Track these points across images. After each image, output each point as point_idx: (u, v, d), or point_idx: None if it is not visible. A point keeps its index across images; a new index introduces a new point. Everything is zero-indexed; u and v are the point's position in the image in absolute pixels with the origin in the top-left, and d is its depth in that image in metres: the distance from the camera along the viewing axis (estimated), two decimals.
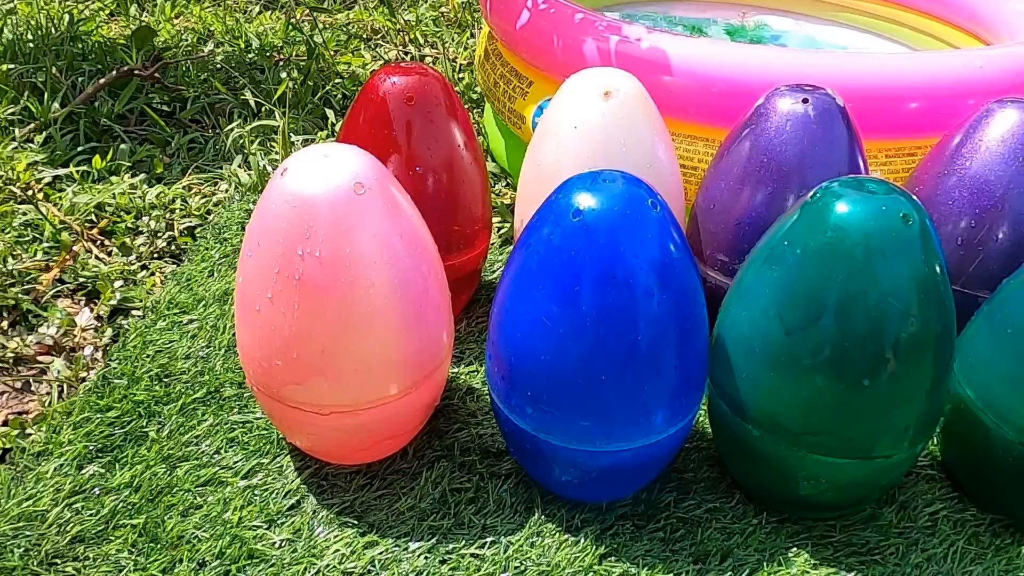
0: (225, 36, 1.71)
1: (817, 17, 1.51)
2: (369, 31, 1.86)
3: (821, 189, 0.62)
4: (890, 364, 0.60)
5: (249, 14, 1.89)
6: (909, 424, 0.63)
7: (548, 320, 0.61)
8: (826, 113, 0.79)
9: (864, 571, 0.67)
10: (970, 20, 1.30)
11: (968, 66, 0.95)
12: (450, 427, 0.80)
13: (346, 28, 1.86)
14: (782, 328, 0.62)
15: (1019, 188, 0.80)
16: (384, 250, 0.64)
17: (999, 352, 0.68)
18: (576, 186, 0.61)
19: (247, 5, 1.93)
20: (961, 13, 1.32)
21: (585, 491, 0.71)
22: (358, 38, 1.82)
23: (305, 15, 1.88)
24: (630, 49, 0.98)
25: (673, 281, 0.61)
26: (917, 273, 0.59)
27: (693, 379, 0.66)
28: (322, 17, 1.90)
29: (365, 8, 1.95)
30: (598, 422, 0.63)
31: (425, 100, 0.82)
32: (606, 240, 0.58)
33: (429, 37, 1.82)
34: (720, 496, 0.74)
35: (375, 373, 0.67)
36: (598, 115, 0.80)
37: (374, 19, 1.87)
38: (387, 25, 1.81)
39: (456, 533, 0.70)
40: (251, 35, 1.70)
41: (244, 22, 1.79)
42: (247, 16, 1.87)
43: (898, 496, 0.74)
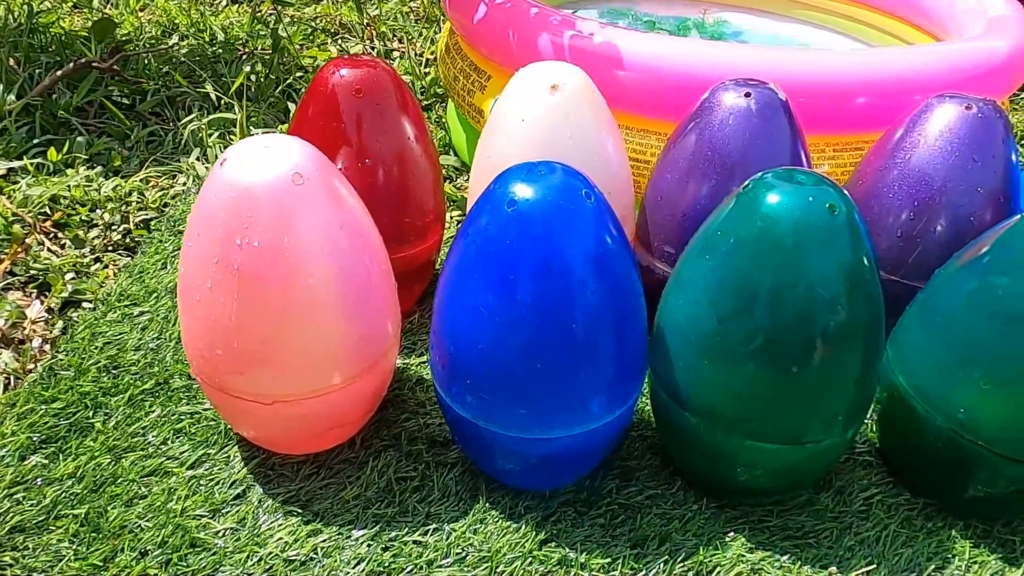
0: (190, 29, 1.70)
1: (780, 14, 1.53)
2: (336, 25, 1.85)
3: (754, 180, 0.64)
4: (818, 352, 0.61)
5: (216, 7, 1.88)
6: (839, 410, 0.65)
7: (485, 309, 0.61)
8: (768, 107, 0.81)
9: (798, 555, 0.69)
10: (923, 17, 1.33)
11: (913, 62, 0.97)
12: (398, 417, 0.80)
13: (313, 22, 1.86)
14: (715, 316, 0.63)
15: (956, 181, 0.81)
16: (324, 240, 0.64)
17: (929, 340, 0.69)
18: (512, 177, 0.62)
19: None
20: (916, 11, 1.35)
21: (528, 479, 0.72)
22: (325, 32, 1.81)
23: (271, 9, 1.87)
24: (583, 44, 1.00)
25: (608, 271, 0.62)
26: (844, 263, 0.61)
27: (631, 368, 0.67)
28: (290, 11, 1.90)
29: (333, 3, 1.95)
30: (535, 410, 0.64)
31: (374, 93, 0.82)
32: (540, 230, 0.59)
33: (397, 32, 1.82)
34: (662, 483, 0.75)
35: (317, 363, 0.67)
36: (545, 108, 0.81)
37: (341, 13, 1.86)
38: (353, 19, 1.81)
39: (400, 521, 0.70)
40: (216, 28, 1.69)
41: (210, 15, 1.78)
42: (214, 9, 1.86)
43: (835, 481, 0.76)
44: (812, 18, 1.51)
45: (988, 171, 0.81)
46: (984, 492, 0.70)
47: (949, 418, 0.68)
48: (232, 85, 1.41)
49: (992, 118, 0.82)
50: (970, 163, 0.81)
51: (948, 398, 0.67)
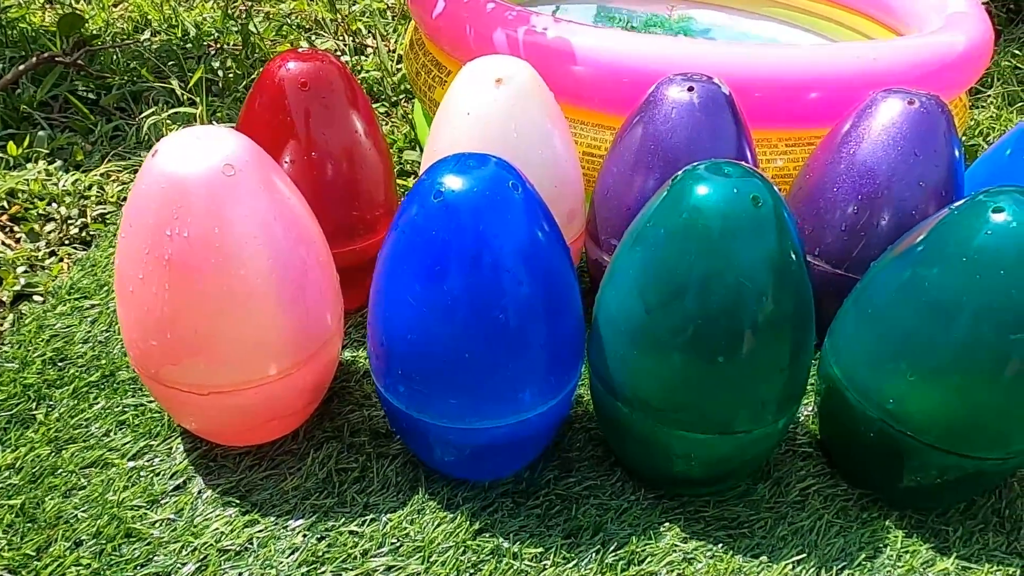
0: (162, 25, 1.70)
1: (749, 11, 1.53)
2: (311, 21, 1.85)
3: (683, 172, 0.64)
4: (744, 342, 0.62)
5: (190, 3, 1.87)
6: (766, 400, 0.65)
7: (413, 300, 0.62)
8: (711, 101, 0.81)
9: (731, 544, 0.69)
10: (886, 14, 1.34)
11: (862, 58, 0.97)
12: (343, 409, 0.81)
13: (288, 18, 1.86)
14: (643, 307, 0.63)
15: (898, 176, 0.82)
16: (257, 231, 0.64)
17: (861, 332, 0.70)
18: (441, 168, 0.62)
19: None
20: (879, 7, 1.35)
21: (467, 469, 0.73)
22: (299, 28, 1.81)
23: (245, 5, 1.87)
24: (537, 39, 1.00)
25: (538, 262, 0.63)
26: (770, 254, 0.61)
27: (563, 359, 0.67)
28: (266, 7, 1.90)
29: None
30: (466, 400, 0.64)
31: (320, 87, 0.82)
32: (466, 221, 0.60)
33: (372, 28, 1.82)
34: (602, 474, 0.75)
35: (252, 353, 0.67)
36: (490, 102, 0.81)
37: (314, 9, 1.86)
38: (326, 15, 1.81)
39: (338, 511, 0.71)
40: (188, 24, 1.69)
41: (183, 11, 1.78)
42: (188, 5, 1.86)
43: (773, 472, 0.76)
44: (779, 15, 1.52)
45: (930, 165, 0.82)
46: (917, 482, 0.70)
47: (879, 408, 0.68)
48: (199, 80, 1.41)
49: (935, 113, 0.82)
50: (912, 157, 0.82)
51: (878, 389, 0.68)
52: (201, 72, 1.32)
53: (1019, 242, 0.61)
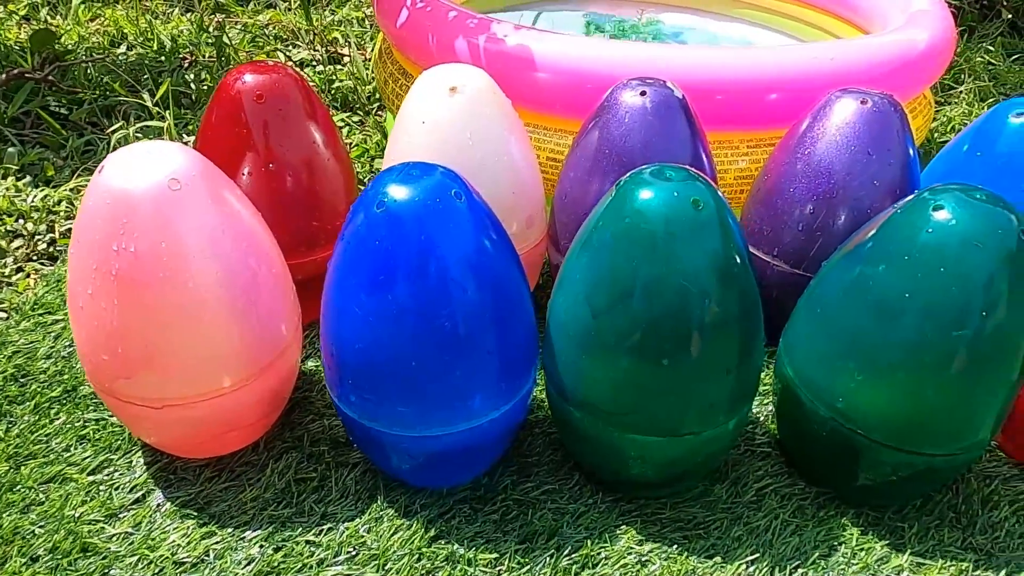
0: (138, 38, 1.71)
1: (718, 13, 1.54)
2: (288, 32, 1.86)
3: (628, 176, 0.65)
4: (688, 345, 0.62)
5: (167, 16, 1.88)
6: (714, 402, 0.66)
7: (360, 309, 0.62)
8: (663, 105, 0.82)
9: (687, 545, 0.70)
10: (851, 11, 1.34)
11: (820, 58, 0.98)
12: (303, 419, 0.81)
13: (265, 29, 1.87)
14: (590, 312, 0.64)
15: (853, 175, 0.83)
16: (205, 244, 0.65)
17: (811, 332, 0.71)
18: (385, 178, 0.63)
19: (167, 8, 1.92)
20: (844, 5, 1.36)
21: (424, 477, 0.73)
22: (277, 39, 1.82)
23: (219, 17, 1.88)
24: (498, 46, 1.00)
25: (485, 270, 0.63)
26: (713, 257, 0.62)
27: (514, 365, 0.68)
28: (244, 18, 1.90)
29: (288, 9, 1.95)
30: (416, 408, 0.65)
31: (277, 98, 0.83)
32: (409, 230, 0.60)
33: (351, 37, 1.83)
34: (560, 478, 0.76)
35: (204, 366, 0.68)
36: (445, 110, 0.82)
37: (290, 20, 1.87)
38: (302, 26, 1.82)
39: (295, 521, 0.71)
40: (164, 37, 1.70)
41: (160, 24, 1.79)
42: (165, 18, 1.86)
43: (731, 472, 0.76)
44: (749, 16, 1.52)
45: (883, 164, 0.82)
46: (871, 480, 0.71)
47: (830, 407, 0.69)
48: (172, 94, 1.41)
49: (888, 112, 0.83)
50: (865, 156, 0.82)
51: (829, 388, 0.68)
52: (167, 86, 1.33)
53: (959, 240, 0.61)
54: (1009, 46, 1.83)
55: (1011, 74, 1.68)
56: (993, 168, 0.86)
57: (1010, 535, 0.72)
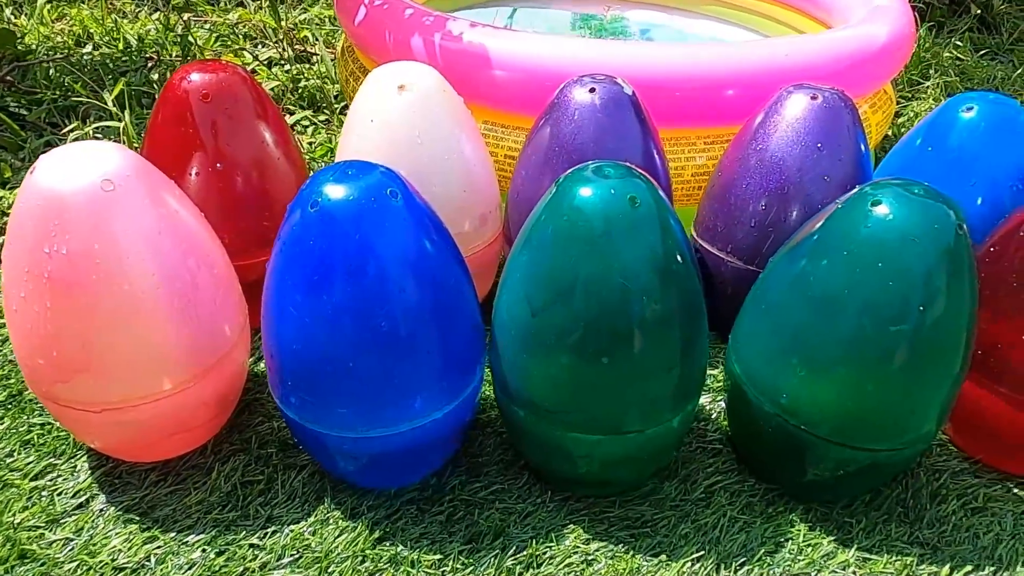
0: (104, 38, 1.69)
1: (685, 10, 1.54)
2: (257, 31, 1.84)
3: (568, 173, 0.64)
4: (627, 342, 0.62)
5: (135, 15, 1.86)
6: (656, 399, 0.65)
7: (295, 310, 0.62)
8: (612, 102, 0.82)
9: (633, 544, 0.69)
10: (815, 7, 1.34)
11: (774, 54, 0.98)
12: (252, 420, 0.80)
13: (235, 28, 1.85)
14: (529, 310, 0.63)
15: (804, 171, 0.83)
16: (141, 246, 0.64)
17: (757, 328, 0.70)
18: (321, 178, 0.62)
19: (136, 7, 1.91)
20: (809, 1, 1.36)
21: (370, 478, 0.72)
22: (247, 37, 1.81)
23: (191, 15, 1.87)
24: (453, 44, 1.00)
25: (423, 269, 0.63)
26: (651, 254, 0.61)
27: (457, 364, 0.67)
28: (213, 17, 1.89)
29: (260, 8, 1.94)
30: (356, 409, 0.64)
31: (223, 98, 0.82)
32: (342, 230, 0.59)
33: (320, 36, 1.82)
34: (509, 478, 0.75)
35: (143, 368, 0.67)
36: (393, 109, 0.81)
37: (259, 19, 1.86)
38: (270, 24, 1.80)
39: (240, 525, 0.70)
40: (130, 37, 1.68)
41: (126, 24, 1.77)
42: (132, 17, 1.85)
43: (681, 470, 0.76)
44: (716, 13, 1.52)
45: (834, 160, 0.82)
46: (818, 476, 0.71)
47: (775, 404, 0.68)
48: (135, 93, 1.40)
49: (838, 107, 0.83)
50: (816, 152, 0.82)
51: (773, 384, 0.68)
52: (121, 85, 1.32)
53: (897, 235, 0.61)
54: (977, 41, 1.84)
55: (978, 69, 1.69)
56: (944, 162, 0.87)
57: (957, 529, 0.72)
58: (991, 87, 1.64)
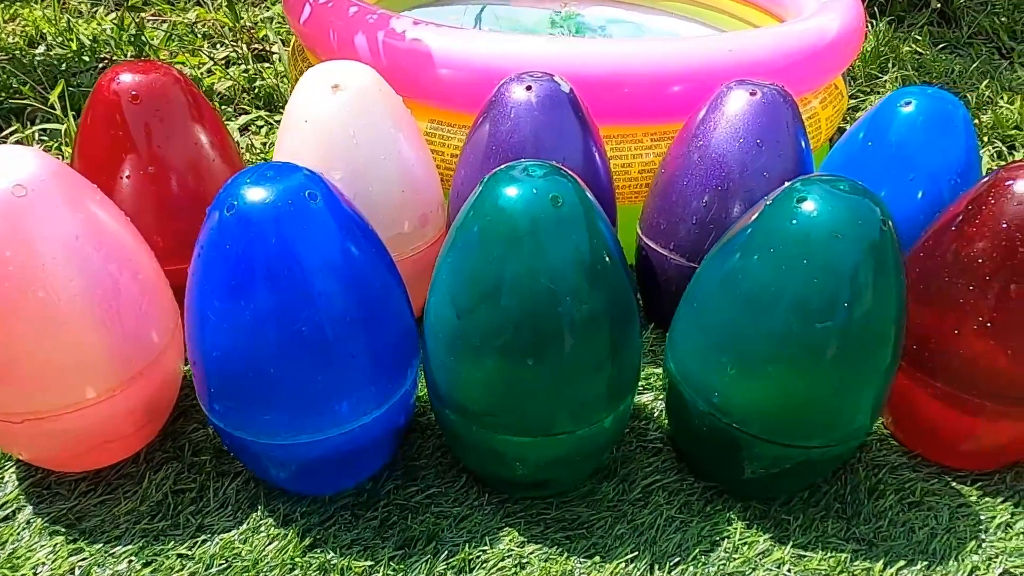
0: (57, 39, 1.66)
1: (642, 6, 1.54)
2: (216, 30, 1.82)
3: (493, 173, 0.63)
4: (552, 343, 0.61)
5: (91, 14, 1.83)
6: (585, 400, 0.65)
7: (214, 315, 0.60)
8: (549, 100, 0.81)
9: (568, 546, 0.69)
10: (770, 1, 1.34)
11: (718, 50, 0.97)
12: (187, 427, 0.79)
13: (193, 27, 1.83)
14: (455, 312, 0.63)
15: (743, 167, 0.82)
16: (57, 252, 0.62)
17: (690, 326, 0.70)
18: (239, 180, 0.61)
19: (92, 6, 1.88)
20: None
21: (303, 484, 0.71)
22: (205, 36, 1.78)
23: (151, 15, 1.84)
24: (396, 42, 0.99)
25: (345, 272, 0.62)
26: (576, 254, 0.61)
27: (385, 368, 0.66)
28: (172, 16, 1.86)
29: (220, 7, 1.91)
30: (279, 415, 0.63)
31: (155, 99, 0.80)
32: (258, 233, 0.58)
33: (281, 34, 1.80)
34: (447, 481, 0.74)
35: (64, 377, 0.65)
36: (327, 109, 0.80)
37: (217, 17, 1.83)
38: (228, 23, 1.78)
39: (169, 534, 0.69)
40: (84, 37, 1.66)
41: (81, 23, 1.74)
42: (88, 16, 1.82)
43: (620, 470, 0.76)
44: (676, 9, 1.52)
45: (773, 155, 0.82)
46: (754, 473, 0.70)
47: (708, 402, 0.68)
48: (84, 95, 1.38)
49: (777, 103, 0.83)
50: (755, 148, 0.82)
51: (705, 382, 0.68)
52: (62, 86, 1.29)
53: (822, 231, 0.61)
54: (937, 35, 1.85)
55: (936, 63, 1.69)
56: (884, 157, 0.87)
57: (893, 524, 0.72)
58: (948, 81, 1.65)
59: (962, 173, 0.84)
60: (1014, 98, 1.57)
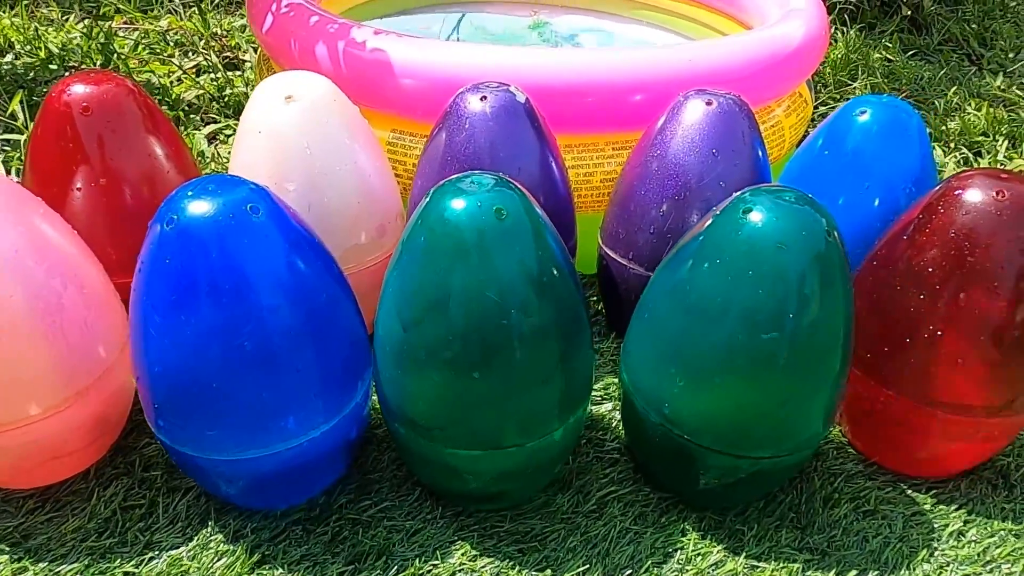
0: (26, 47, 1.65)
1: (612, 14, 1.54)
2: (188, 38, 1.81)
3: (439, 184, 0.63)
4: (498, 357, 0.61)
5: (60, 23, 1.82)
6: (533, 413, 0.64)
7: (155, 331, 0.60)
8: (504, 110, 0.81)
9: (520, 559, 0.68)
10: (738, 9, 1.35)
11: (678, 59, 0.98)
12: (139, 442, 0.78)
13: (166, 35, 1.82)
14: (401, 325, 0.62)
15: (700, 176, 0.82)
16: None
17: (641, 337, 0.70)
18: (180, 193, 0.60)
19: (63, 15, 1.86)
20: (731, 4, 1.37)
21: (254, 499, 0.71)
22: (177, 44, 1.78)
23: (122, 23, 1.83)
24: (357, 51, 0.98)
25: (289, 286, 0.61)
26: (521, 266, 0.60)
27: (332, 382, 0.66)
28: (144, 24, 1.85)
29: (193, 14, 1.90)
30: (224, 431, 0.62)
31: (106, 110, 0.80)
32: (199, 247, 0.58)
33: (253, 42, 1.79)
34: (401, 495, 0.74)
35: (6, 393, 0.64)
36: (281, 120, 0.79)
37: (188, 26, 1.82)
38: (200, 31, 1.77)
39: (117, 551, 0.68)
40: (52, 46, 1.64)
41: (52, 31, 1.73)
42: (58, 24, 1.80)
43: (575, 481, 0.75)
44: (646, 17, 1.53)
45: (729, 165, 0.82)
46: (708, 484, 0.70)
47: (659, 413, 0.68)
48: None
49: (733, 113, 0.83)
50: (711, 158, 0.82)
51: (656, 394, 0.68)
52: (21, 96, 1.28)
53: (767, 242, 0.61)
54: (907, 42, 1.86)
55: (906, 70, 1.71)
56: (840, 165, 0.87)
57: (847, 533, 0.72)
58: (917, 88, 1.66)
59: (917, 181, 0.84)
60: (981, 104, 1.58)
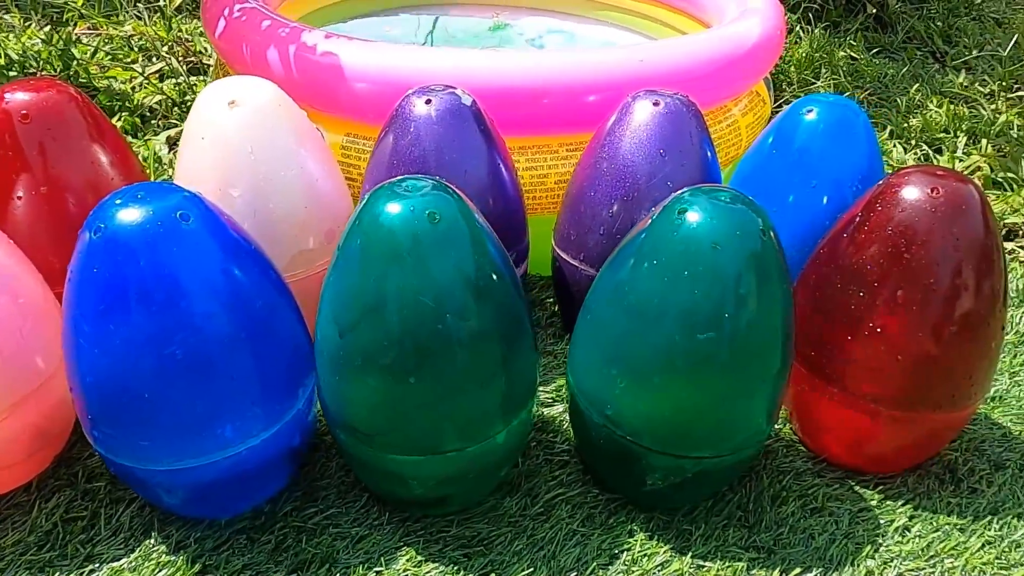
0: None
1: (577, 15, 1.54)
2: (153, 44, 1.80)
3: (374, 189, 0.63)
4: (434, 361, 0.61)
5: (23, 29, 1.80)
6: (472, 417, 0.64)
7: (85, 341, 0.59)
8: (449, 113, 0.81)
9: (466, 563, 0.68)
10: (698, 9, 1.36)
11: (630, 60, 0.98)
12: (83, 453, 0.77)
13: (130, 40, 1.81)
14: (337, 330, 0.62)
15: (647, 177, 0.82)
16: None
17: (584, 338, 0.70)
18: (108, 201, 0.59)
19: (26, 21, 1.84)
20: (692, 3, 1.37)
21: (196, 509, 0.70)
22: (142, 50, 1.76)
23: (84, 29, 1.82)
24: (308, 55, 0.98)
25: (222, 293, 0.60)
26: (457, 270, 0.60)
27: (271, 390, 0.65)
28: (109, 29, 1.84)
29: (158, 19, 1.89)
30: (158, 441, 0.62)
31: (46, 117, 0.79)
32: (126, 255, 0.57)
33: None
34: (348, 501, 0.73)
35: None
36: (224, 125, 0.79)
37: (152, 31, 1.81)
38: (163, 36, 1.76)
39: (56, 565, 0.67)
40: (13, 52, 1.63)
41: (11, 38, 1.71)
42: (20, 31, 1.78)
43: (524, 484, 0.75)
44: (609, 17, 1.53)
45: (677, 165, 0.82)
46: (653, 484, 0.70)
47: (602, 415, 0.68)
48: None
49: (680, 113, 0.83)
50: (658, 158, 0.82)
51: (599, 395, 0.68)
52: None
53: (702, 242, 0.61)
54: (872, 40, 1.88)
55: (870, 68, 1.72)
56: (789, 164, 0.87)
57: (794, 531, 0.72)
58: (880, 85, 1.67)
59: (863, 179, 0.85)
60: (943, 102, 1.60)
